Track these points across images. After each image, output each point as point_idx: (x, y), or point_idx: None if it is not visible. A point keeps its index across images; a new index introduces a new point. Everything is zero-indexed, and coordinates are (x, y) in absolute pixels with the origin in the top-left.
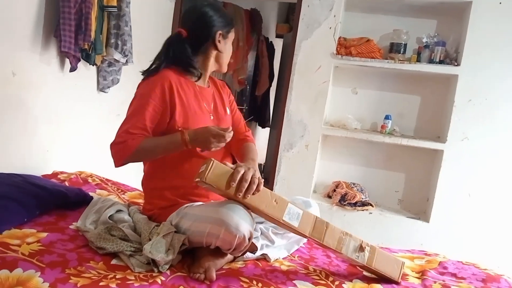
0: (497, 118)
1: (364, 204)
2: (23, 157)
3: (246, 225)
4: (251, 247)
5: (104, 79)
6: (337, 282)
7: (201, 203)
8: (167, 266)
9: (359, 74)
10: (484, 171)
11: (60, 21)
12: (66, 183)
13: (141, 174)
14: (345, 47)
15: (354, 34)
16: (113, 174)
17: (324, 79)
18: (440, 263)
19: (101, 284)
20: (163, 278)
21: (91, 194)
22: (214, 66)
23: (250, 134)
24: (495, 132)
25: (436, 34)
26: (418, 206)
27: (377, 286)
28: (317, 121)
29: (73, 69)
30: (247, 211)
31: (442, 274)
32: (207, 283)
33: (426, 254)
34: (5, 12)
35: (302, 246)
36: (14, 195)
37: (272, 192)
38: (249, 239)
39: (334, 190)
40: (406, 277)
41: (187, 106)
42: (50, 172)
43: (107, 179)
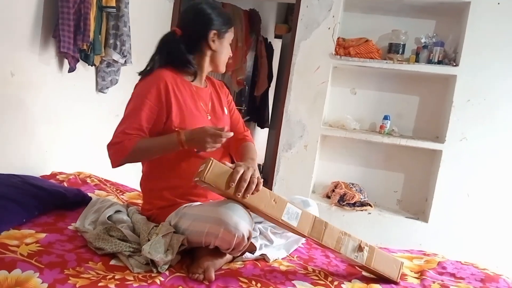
0: (495, 118)
1: (363, 204)
2: (22, 157)
3: (245, 224)
4: (250, 247)
5: (103, 80)
6: (336, 282)
7: (200, 203)
8: (166, 266)
9: (358, 74)
10: (483, 171)
11: (59, 21)
12: (65, 184)
13: (140, 175)
14: (343, 48)
15: (353, 35)
16: (112, 174)
17: (323, 80)
18: (439, 263)
19: (100, 284)
20: (162, 279)
21: (90, 194)
22: (210, 66)
23: (249, 134)
24: (494, 132)
25: (434, 35)
26: (417, 206)
27: (376, 286)
28: (316, 121)
29: (72, 69)
30: (246, 211)
31: (441, 274)
32: (206, 284)
33: (425, 254)
34: (4, 12)
35: (301, 246)
36: (13, 196)
37: (271, 191)
38: (248, 239)
39: (333, 191)
40: (405, 277)
41: (184, 106)
42: (48, 172)
43: (106, 180)
